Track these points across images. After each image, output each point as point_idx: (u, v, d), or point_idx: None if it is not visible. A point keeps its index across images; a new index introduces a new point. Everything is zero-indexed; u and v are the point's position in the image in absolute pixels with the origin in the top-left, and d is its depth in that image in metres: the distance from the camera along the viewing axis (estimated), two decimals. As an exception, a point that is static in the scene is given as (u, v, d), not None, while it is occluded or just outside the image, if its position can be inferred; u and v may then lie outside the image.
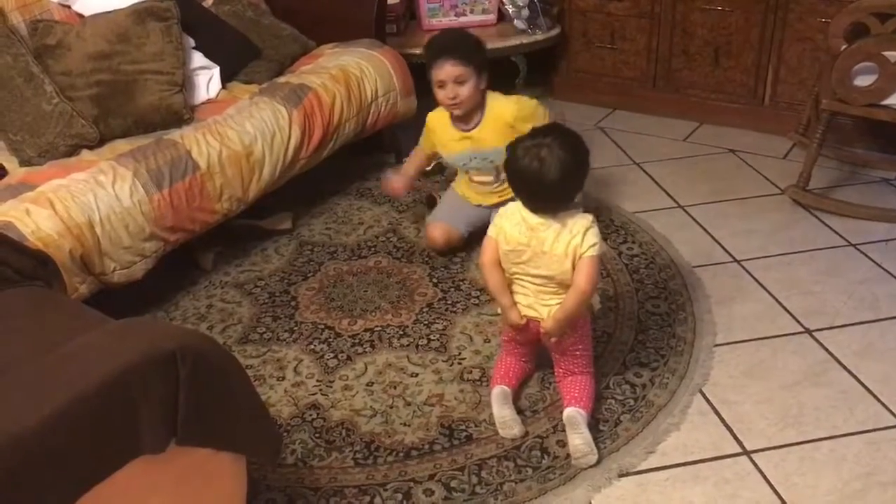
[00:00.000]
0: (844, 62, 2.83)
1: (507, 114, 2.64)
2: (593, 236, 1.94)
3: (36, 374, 1.29)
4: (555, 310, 2.00)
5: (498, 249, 2.04)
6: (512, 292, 2.08)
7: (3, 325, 1.53)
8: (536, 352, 2.17)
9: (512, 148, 2.00)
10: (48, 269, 1.89)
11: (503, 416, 2.06)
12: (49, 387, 1.25)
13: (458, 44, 2.65)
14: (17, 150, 2.59)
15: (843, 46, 2.91)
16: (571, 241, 1.94)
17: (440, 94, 2.65)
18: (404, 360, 2.35)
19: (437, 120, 2.79)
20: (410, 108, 3.35)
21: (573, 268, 1.95)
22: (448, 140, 2.77)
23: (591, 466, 1.96)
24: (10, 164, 2.56)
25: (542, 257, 1.97)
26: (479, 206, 2.84)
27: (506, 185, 2.58)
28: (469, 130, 2.71)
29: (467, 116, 2.70)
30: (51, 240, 2.17)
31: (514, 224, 2.00)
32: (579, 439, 1.97)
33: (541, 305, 2.04)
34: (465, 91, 2.60)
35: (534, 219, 1.98)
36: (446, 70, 2.59)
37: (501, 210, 2.08)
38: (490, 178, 2.78)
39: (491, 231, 2.07)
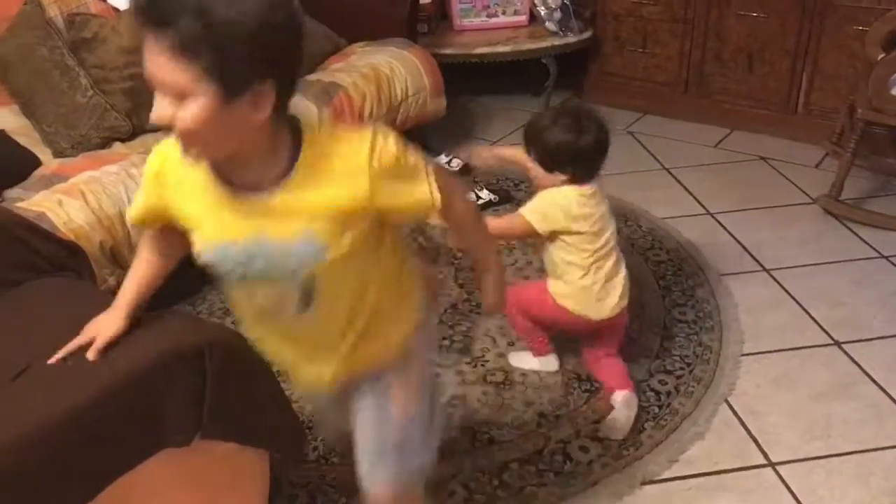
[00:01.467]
0: (881, 71, 2.79)
1: (361, 161, 1.14)
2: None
3: (64, 365, 1.31)
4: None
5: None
6: (584, 287, 2.05)
7: (32, 315, 1.54)
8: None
9: (542, 138, 1.99)
10: (78, 259, 1.91)
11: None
12: (77, 378, 1.27)
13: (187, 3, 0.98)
14: (51, 141, 2.62)
15: (881, 55, 2.86)
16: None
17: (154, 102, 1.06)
18: (428, 360, 2.35)
19: (174, 154, 1.17)
20: (440, 108, 3.34)
21: None
22: (201, 205, 1.20)
23: (613, 472, 1.94)
24: (44, 155, 2.59)
25: (606, 215, 2.04)
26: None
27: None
28: (259, 191, 1.16)
29: (242, 163, 1.15)
30: (82, 231, 2.20)
31: (579, 205, 2.00)
32: (624, 417, 2.04)
33: (617, 280, 2.07)
34: (187, 117, 1.04)
35: (586, 189, 2.01)
36: (149, 57, 1.03)
37: (550, 204, 2.00)
38: (294, 306, 1.25)
39: (539, 224, 2.01)
